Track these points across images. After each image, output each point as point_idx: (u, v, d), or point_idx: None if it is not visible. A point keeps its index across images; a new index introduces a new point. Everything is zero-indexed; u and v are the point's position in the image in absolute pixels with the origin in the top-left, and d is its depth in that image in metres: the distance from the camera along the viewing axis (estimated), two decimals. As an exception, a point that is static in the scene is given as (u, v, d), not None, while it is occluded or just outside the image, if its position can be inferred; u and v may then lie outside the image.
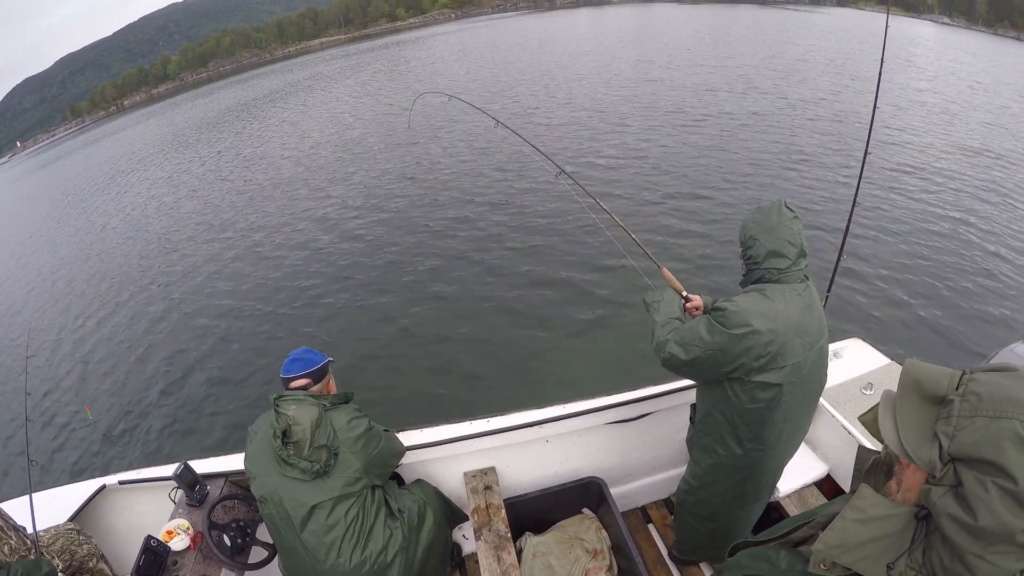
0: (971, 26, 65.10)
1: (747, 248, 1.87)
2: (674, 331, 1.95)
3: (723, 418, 1.98)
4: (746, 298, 1.81)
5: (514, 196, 10.79)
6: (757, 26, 39.84)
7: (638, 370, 5.45)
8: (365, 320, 7.41)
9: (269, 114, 28.64)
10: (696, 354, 1.84)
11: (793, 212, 1.84)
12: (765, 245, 1.80)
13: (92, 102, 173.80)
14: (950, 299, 6.76)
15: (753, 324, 1.74)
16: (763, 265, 1.82)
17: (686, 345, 1.86)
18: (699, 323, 1.86)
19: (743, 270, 1.94)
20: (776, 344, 1.77)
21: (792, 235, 1.80)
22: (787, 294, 1.80)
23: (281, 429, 1.82)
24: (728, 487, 2.16)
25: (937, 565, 0.78)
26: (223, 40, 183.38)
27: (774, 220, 1.81)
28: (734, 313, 1.76)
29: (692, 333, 1.86)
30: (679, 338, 1.90)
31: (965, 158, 11.59)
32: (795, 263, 1.81)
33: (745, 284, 1.93)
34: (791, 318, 1.78)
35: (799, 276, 1.84)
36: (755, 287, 1.85)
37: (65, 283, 11.71)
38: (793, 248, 1.79)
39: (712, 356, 1.81)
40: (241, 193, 14.45)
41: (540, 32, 50.13)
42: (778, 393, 1.84)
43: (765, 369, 1.80)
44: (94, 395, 7.18)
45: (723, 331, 1.77)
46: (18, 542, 1.85)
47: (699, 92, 18.04)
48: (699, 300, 2.22)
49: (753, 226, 1.85)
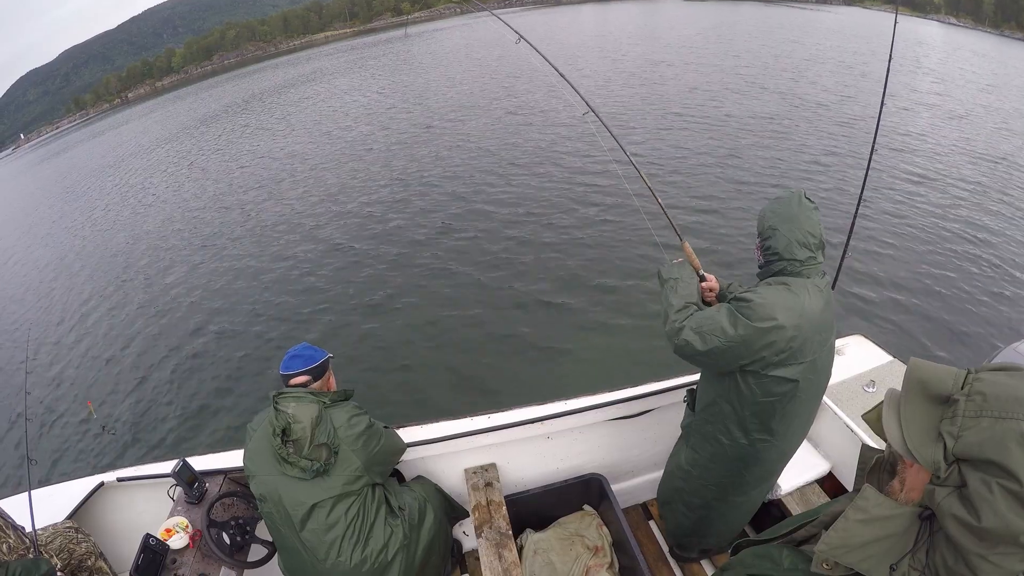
0: (978, 26, 64.76)
1: (766, 239, 1.81)
2: (691, 317, 1.87)
3: (730, 408, 1.94)
4: (771, 291, 1.76)
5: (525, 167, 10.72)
6: (762, 23, 39.52)
7: (648, 366, 5.50)
8: (365, 314, 7.39)
9: (272, 107, 28.69)
10: (715, 345, 1.76)
11: (813, 203, 1.79)
12: (785, 236, 1.75)
13: (96, 95, 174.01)
14: (954, 297, 6.73)
15: (779, 318, 1.69)
16: (784, 256, 1.77)
17: (704, 335, 1.78)
18: (720, 313, 1.79)
19: (761, 260, 1.89)
20: (799, 340, 1.73)
21: (812, 226, 1.75)
22: (810, 289, 1.76)
23: (280, 427, 1.79)
24: (726, 475, 2.13)
25: (940, 566, 0.78)
26: (228, 33, 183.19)
27: (794, 210, 1.76)
28: (760, 306, 1.71)
29: (712, 323, 1.78)
30: (697, 326, 1.81)
31: (972, 157, 11.52)
32: (815, 256, 1.77)
33: (764, 275, 1.87)
34: (814, 314, 1.74)
35: (818, 269, 1.80)
36: (777, 279, 1.80)
37: (67, 279, 11.66)
38: (813, 239, 1.75)
39: (732, 348, 1.75)
40: (244, 189, 14.40)
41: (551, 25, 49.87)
42: (794, 388, 1.81)
43: (784, 364, 1.76)
44: (95, 392, 7.12)
45: (747, 324, 1.71)
46: (16, 540, 1.83)
47: (706, 88, 17.95)
48: (715, 282, 2.13)
49: (772, 216, 1.80)
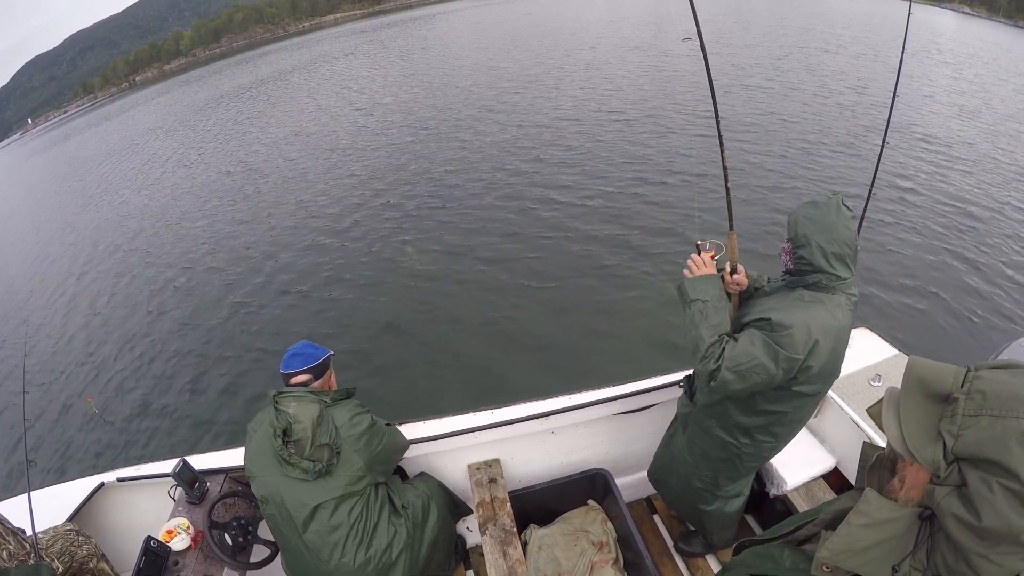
0: (992, 16, 63.75)
1: (798, 247, 1.68)
2: (724, 355, 1.67)
3: (737, 410, 1.90)
4: (808, 314, 1.63)
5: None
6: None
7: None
8: (365, 310, 7.28)
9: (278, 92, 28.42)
10: (756, 382, 1.65)
11: (851, 211, 1.64)
12: (822, 247, 1.62)
13: (104, 78, 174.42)
14: (961, 291, 6.66)
15: (818, 348, 1.61)
16: (820, 270, 1.65)
17: (743, 374, 1.64)
18: (756, 347, 1.64)
19: (790, 266, 1.75)
20: (831, 364, 1.69)
21: (850, 238, 1.62)
22: (843, 306, 1.66)
23: (281, 428, 1.77)
24: (722, 469, 2.14)
25: (941, 565, 0.78)
26: (236, 15, 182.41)
27: (832, 219, 1.61)
28: (799, 333, 1.60)
29: (751, 360, 1.63)
30: (735, 365, 1.65)
31: (984, 151, 11.28)
32: (851, 270, 1.66)
33: (795, 284, 1.75)
34: (845, 333, 1.67)
35: (851, 286, 1.68)
36: (812, 293, 1.68)
37: (64, 274, 11.34)
38: (850, 251, 1.63)
39: (773, 381, 1.66)
40: (249, 180, 14.13)
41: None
42: (808, 400, 1.79)
43: (809, 382, 1.71)
44: (95, 388, 7.03)
45: (788, 357, 1.60)
46: (17, 546, 1.80)
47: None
48: (744, 276, 1.93)
49: (807, 223, 1.64)
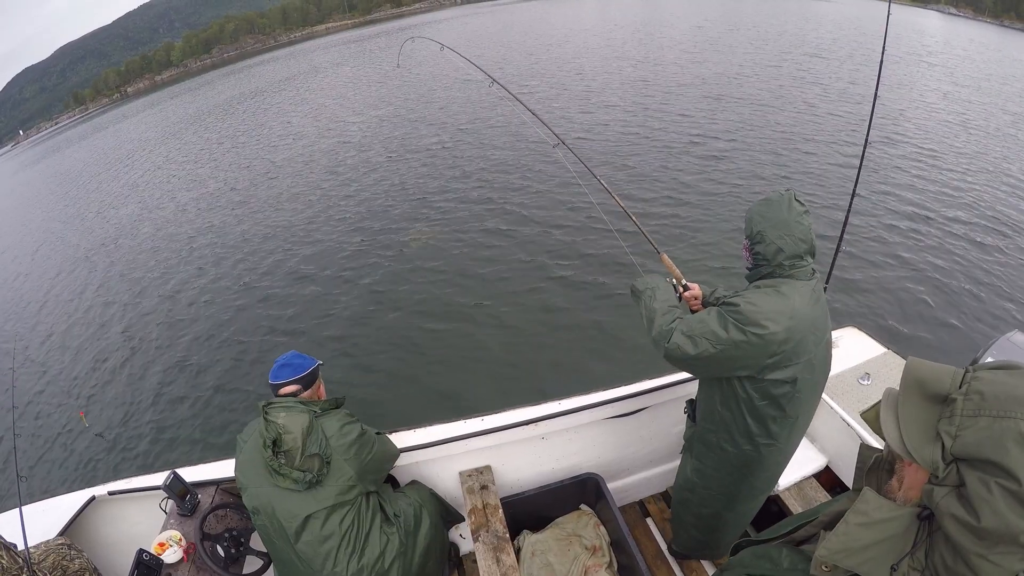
0: (977, 17, 64.74)
1: (755, 243, 1.77)
2: (679, 320, 1.83)
3: (731, 415, 1.92)
4: (760, 295, 1.73)
5: (507, 182, 10.68)
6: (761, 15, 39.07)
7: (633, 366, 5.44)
8: (357, 316, 7.24)
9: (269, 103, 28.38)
10: (705, 348, 1.73)
11: (804, 206, 1.74)
12: (775, 242, 1.72)
13: (95, 89, 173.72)
14: (947, 288, 6.70)
15: (769, 325, 1.67)
16: (773, 262, 1.74)
17: (695, 337, 1.74)
18: (710, 316, 1.76)
19: (749, 263, 1.85)
20: (791, 342, 1.71)
21: (803, 232, 1.71)
22: (800, 289, 1.73)
23: (271, 438, 1.77)
24: (734, 482, 2.12)
25: (940, 565, 0.78)
26: (227, 26, 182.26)
27: (784, 215, 1.71)
28: (750, 311, 1.68)
29: (703, 326, 1.75)
30: (687, 329, 1.77)
31: (967, 147, 11.42)
32: (804, 260, 1.74)
33: (753, 278, 1.85)
34: (805, 315, 1.72)
35: (809, 272, 1.77)
36: (767, 282, 1.77)
37: (50, 285, 11.13)
38: (804, 245, 1.72)
39: (723, 352, 1.72)
40: (237, 194, 13.88)
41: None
42: (791, 390, 1.79)
43: (779, 367, 1.74)
44: (84, 402, 6.92)
45: (737, 328, 1.69)
46: (10, 561, 1.79)
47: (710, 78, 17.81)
48: (698, 289, 2.12)
49: (761, 220, 1.75)
